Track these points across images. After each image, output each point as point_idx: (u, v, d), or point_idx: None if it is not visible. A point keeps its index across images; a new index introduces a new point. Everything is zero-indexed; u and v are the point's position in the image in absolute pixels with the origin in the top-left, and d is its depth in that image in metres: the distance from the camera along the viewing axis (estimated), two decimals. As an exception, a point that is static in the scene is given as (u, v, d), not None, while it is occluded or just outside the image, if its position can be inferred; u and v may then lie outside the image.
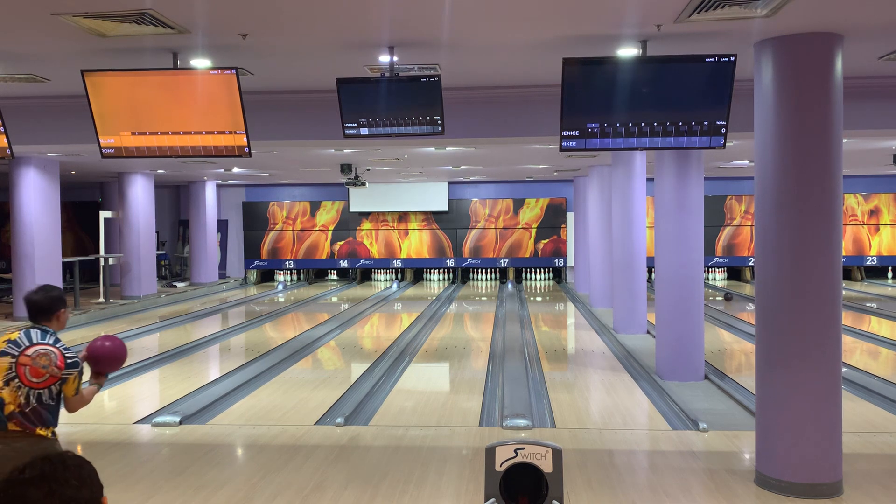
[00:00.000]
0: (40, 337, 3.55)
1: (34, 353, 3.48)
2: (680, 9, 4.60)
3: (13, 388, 3.42)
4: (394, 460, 5.88)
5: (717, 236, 20.93)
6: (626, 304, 11.87)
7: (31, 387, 3.44)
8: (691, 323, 8.61)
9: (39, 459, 1.39)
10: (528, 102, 7.04)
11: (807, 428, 5.06)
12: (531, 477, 2.77)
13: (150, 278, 17.31)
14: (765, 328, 5.27)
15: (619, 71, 5.30)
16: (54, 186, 13.49)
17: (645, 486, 5.37)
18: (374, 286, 21.18)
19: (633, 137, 5.38)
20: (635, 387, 8.44)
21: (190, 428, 6.85)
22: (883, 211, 20.76)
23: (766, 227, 5.22)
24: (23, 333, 3.55)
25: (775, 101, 5.10)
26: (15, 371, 3.43)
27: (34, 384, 3.44)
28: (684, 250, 8.57)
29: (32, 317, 3.65)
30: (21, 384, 3.42)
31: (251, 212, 22.04)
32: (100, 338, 3.83)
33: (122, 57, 5.65)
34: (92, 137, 5.95)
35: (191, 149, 5.87)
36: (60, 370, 3.50)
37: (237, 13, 4.68)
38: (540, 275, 21.87)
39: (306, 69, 6.24)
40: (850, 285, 19.25)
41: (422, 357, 10.46)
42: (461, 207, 21.51)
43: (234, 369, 9.55)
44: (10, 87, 6.81)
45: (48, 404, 3.48)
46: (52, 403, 3.50)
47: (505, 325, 13.15)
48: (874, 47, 5.54)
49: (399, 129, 5.78)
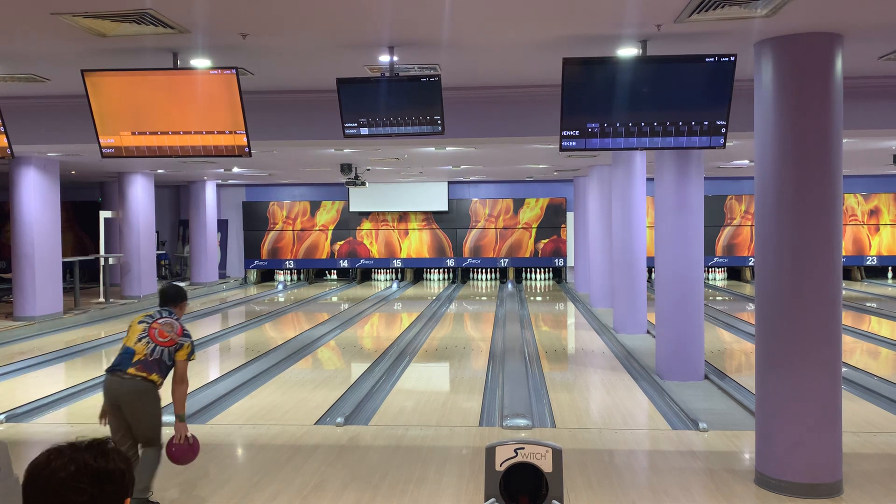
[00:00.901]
0: (167, 314, 4.91)
1: (163, 322, 4.84)
2: (680, 9, 4.60)
3: (144, 343, 4.73)
4: (394, 460, 5.88)
5: (717, 236, 20.93)
6: (626, 303, 11.87)
7: (156, 343, 4.74)
8: (691, 323, 8.61)
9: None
10: (528, 102, 7.04)
11: (807, 428, 5.06)
12: (531, 477, 2.77)
13: (150, 278, 17.31)
14: (765, 328, 5.27)
15: (619, 71, 5.30)
16: (54, 186, 13.49)
17: (645, 485, 5.37)
18: (374, 286, 21.18)
19: (633, 137, 5.38)
20: (635, 387, 8.44)
21: (190, 428, 6.82)
22: (883, 211, 20.76)
23: (766, 227, 5.22)
24: (156, 311, 4.93)
25: (775, 101, 5.10)
26: (147, 333, 4.77)
27: (159, 342, 4.75)
28: (684, 250, 8.56)
29: (163, 302, 5.01)
30: (150, 340, 4.74)
31: (251, 212, 22.04)
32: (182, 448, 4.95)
33: (122, 57, 5.65)
34: (92, 137, 5.95)
35: (191, 149, 5.87)
36: (178, 337, 4.80)
37: (237, 13, 4.68)
38: (540, 275, 21.87)
39: (306, 69, 6.24)
40: (850, 285, 19.25)
41: (422, 357, 10.46)
42: (461, 207, 21.51)
43: (234, 369, 9.55)
44: (10, 87, 6.81)
45: (163, 361, 4.75)
46: (166, 362, 4.76)
47: (505, 325, 13.15)
48: (874, 47, 5.54)
49: (399, 129, 5.78)
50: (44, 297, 13.10)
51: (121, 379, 4.67)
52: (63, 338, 12.11)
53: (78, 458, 1.48)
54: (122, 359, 4.73)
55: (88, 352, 10.99)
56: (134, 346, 4.73)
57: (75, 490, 1.45)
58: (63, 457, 1.49)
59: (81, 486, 1.46)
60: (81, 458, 1.48)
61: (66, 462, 1.48)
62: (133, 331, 4.82)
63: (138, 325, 4.83)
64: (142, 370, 4.67)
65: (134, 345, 4.73)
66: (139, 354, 4.70)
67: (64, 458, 1.48)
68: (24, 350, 10.95)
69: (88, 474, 1.47)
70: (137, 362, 4.67)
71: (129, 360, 4.69)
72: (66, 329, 13.09)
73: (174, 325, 4.83)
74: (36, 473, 1.48)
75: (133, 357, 4.70)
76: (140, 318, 4.89)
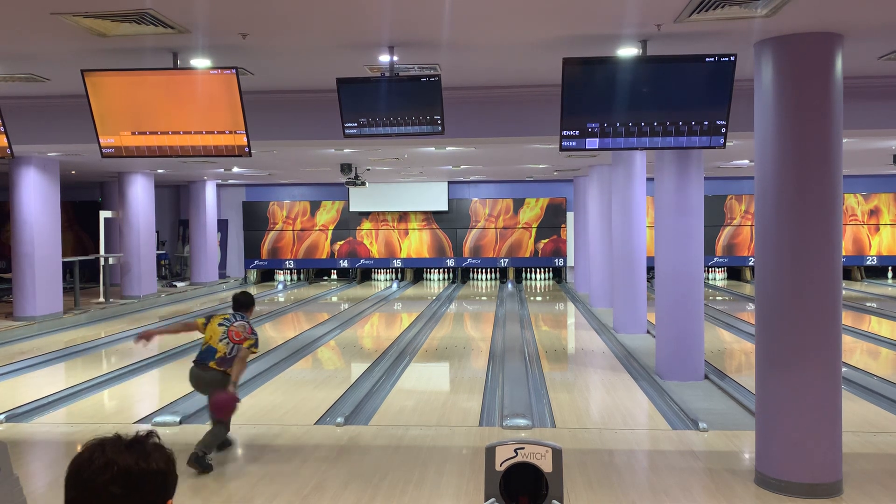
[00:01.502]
0: (241, 318, 6.06)
1: (238, 325, 5.97)
2: (680, 9, 4.60)
3: (224, 344, 5.86)
4: (394, 460, 5.88)
5: (717, 236, 20.93)
6: (626, 303, 11.87)
7: (233, 343, 5.86)
8: (691, 323, 8.62)
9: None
10: (528, 102, 7.04)
11: (807, 428, 5.06)
12: (531, 477, 2.77)
13: (150, 278, 17.31)
14: (765, 328, 5.27)
15: (619, 71, 5.30)
16: (54, 186, 13.49)
17: (645, 485, 5.37)
18: (374, 286, 21.18)
19: (632, 137, 5.38)
20: (635, 386, 8.44)
21: (190, 428, 6.86)
22: (883, 211, 20.76)
23: (766, 227, 5.22)
24: (231, 315, 6.09)
25: (775, 101, 5.10)
26: (227, 335, 5.88)
27: (235, 341, 5.87)
28: (684, 250, 8.57)
29: (236, 308, 6.18)
30: (229, 342, 5.86)
31: (251, 211, 22.04)
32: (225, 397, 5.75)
33: (122, 57, 5.65)
34: (92, 137, 5.96)
35: (191, 149, 5.87)
36: (248, 335, 5.94)
37: (237, 13, 4.68)
38: (540, 274, 21.87)
39: (306, 69, 6.24)
40: (850, 285, 19.25)
41: (422, 357, 10.46)
42: (461, 207, 21.51)
43: (234, 369, 9.55)
44: (10, 87, 6.81)
45: (233, 356, 5.83)
46: (233, 356, 5.84)
47: (505, 325, 13.15)
48: (874, 47, 5.54)
49: (399, 129, 5.78)
50: (44, 297, 13.10)
51: (203, 371, 5.86)
52: (63, 338, 12.11)
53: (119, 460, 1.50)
54: (205, 355, 5.89)
55: (88, 352, 10.99)
56: (216, 345, 5.87)
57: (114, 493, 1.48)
58: (105, 455, 1.50)
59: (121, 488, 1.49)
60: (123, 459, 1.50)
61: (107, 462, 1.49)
62: (214, 332, 5.92)
63: (218, 328, 5.93)
64: (220, 366, 5.83)
65: (216, 344, 5.88)
66: (220, 353, 5.84)
67: (106, 457, 1.50)
68: (24, 350, 10.95)
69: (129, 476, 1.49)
70: (219, 359, 5.82)
71: (211, 356, 5.85)
72: (66, 329, 13.09)
73: (246, 326, 5.99)
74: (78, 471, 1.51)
75: (215, 354, 5.84)
76: (219, 320, 6.00)
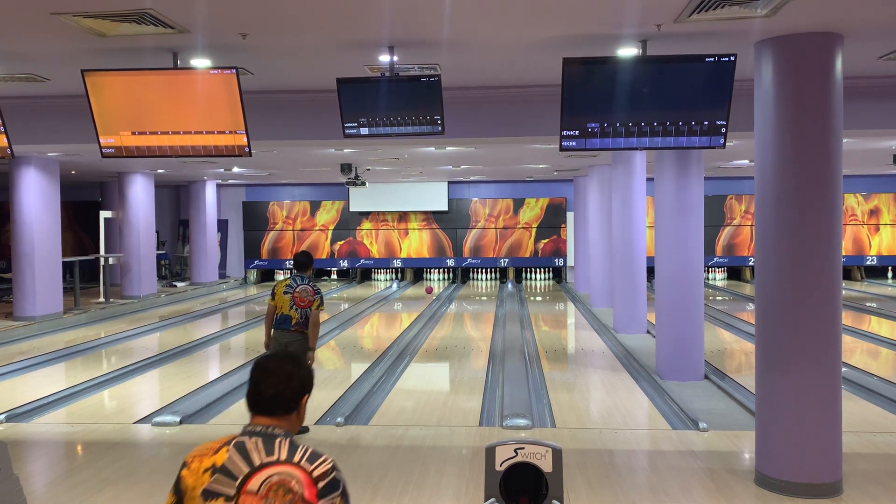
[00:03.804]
0: (301, 280, 6.65)
1: (300, 289, 6.58)
2: (680, 9, 4.60)
3: (294, 311, 6.54)
4: (394, 460, 5.88)
5: (717, 236, 20.93)
6: (626, 303, 11.87)
7: (300, 307, 6.54)
8: (691, 323, 8.61)
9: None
10: (528, 102, 7.04)
11: (807, 428, 5.06)
12: (531, 477, 2.78)
13: (150, 278, 17.31)
14: (765, 328, 5.27)
15: (619, 71, 5.30)
16: (54, 186, 13.49)
17: (645, 485, 5.37)
18: (374, 286, 21.18)
19: (633, 137, 5.38)
20: (635, 387, 8.44)
21: (190, 428, 6.86)
22: (883, 211, 20.77)
23: (766, 227, 5.22)
24: (291, 279, 6.70)
25: (775, 101, 5.10)
26: (294, 302, 6.55)
27: (302, 305, 6.54)
28: (684, 250, 8.56)
29: (297, 268, 6.76)
30: (297, 308, 6.54)
31: (251, 211, 22.05)
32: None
33: (122, 57, 5.65)
34: (92, 137, 5.96)
35: (191, 149, 5.87)
36: (312, 297, 6.56)
37: (237, 13, 4.68)
38: (540, 274, 21.88)
39: (306, 69, 6.24)
40: (850, 285, 19.25)
41: (422, 357, 10.46)
42: (461, 207, 21.51)
43: (234, 369, 9.56)
44: (10, 87, 6.81)
45: (306, 318, 6.55)
46: (307, 317, 6.55)
47: (505, 325, 13.14)
48: (874, 47, 5.54)
49: (399, 128, 5.78)
50: (44, 297, 13.10)
51: (285, 334, 6.57)
52: (63, 338, 12.11)
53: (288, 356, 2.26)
54: (283, 321, 6.58)
55: (88, 352, 10.99)
56: (289, 312, 6.56)
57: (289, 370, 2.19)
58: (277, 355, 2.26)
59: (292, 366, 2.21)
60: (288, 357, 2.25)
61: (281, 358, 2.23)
62: (282, 301, 6.58)
63: (284, 296, 6.58)
64: (297, 329, 6.55)
65: (288, 311, 6.56)
66: (294, 319, 6.54)
67: (279, 356, 2.25)
68: (24, 350, 10.95)
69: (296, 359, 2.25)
70: (295, 324, 6.54)
71: (288, 323, 6.56)
72: (66, 329, 13.10)
73: (308, 289, 6.58)
74: (260, 364, 2.21)
75: (291, 321, 6.56)
76: (283, 288, 6.62)
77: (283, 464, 2.02)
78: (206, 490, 2.02)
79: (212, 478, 2.03)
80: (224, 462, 2.04)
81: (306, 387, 2.20)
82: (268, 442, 2.06)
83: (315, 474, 2.02)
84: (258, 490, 1.99)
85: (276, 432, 2.08)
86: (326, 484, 2.02)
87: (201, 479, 2.04)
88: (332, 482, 2.03)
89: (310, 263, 6.78)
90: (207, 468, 2.04)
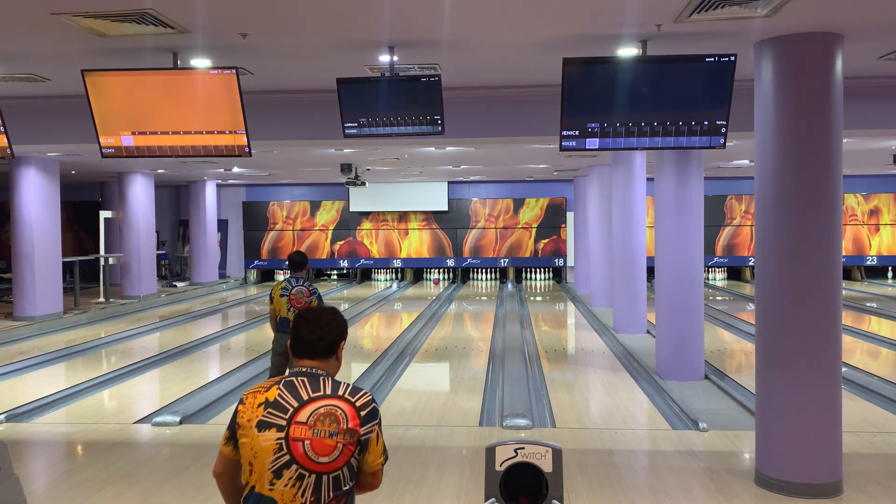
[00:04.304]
0: (297, 282, 6.60)
1: (296, 291, 6.56)
2: (680, 9, 4.60)
3: (292, 312, 6.46)
4: (394, 460, 5.87)
5: (717, 236, 20.93)
6: (626, 303, 11.87)
7: (297, 310, 6.40)
8: (691, 323, 8.61)
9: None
10: (528, 102, 7.04)
11: (807, 428, 5.06)
12: (531, 477, 2.78)
13: (150, 278, 17.31)
14: (765, 328, 5.27)
15: (619, 71, 5.30)
16: (54, 186, 13.49)
17: (645, 486, 5.37)
18: (373, 286, 21.18)
19: (632, 137, 5.38)
20: (635, 387, 8.44)
21: (190, 428, 6.85)
22: (883, 211, 20.77)
23: (766, 227, 5.22)
24: (287, 281, 6.64)
25: (775, 101, 5.10)
26: (291, 304, 6.51)
27: (299, 307, 6.48)
28: (684, 250, 8.56)
29: (292, 269, 6.70)
30: (293, 309, 6.49)
31: (251, 211, 22.05)
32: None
33: (122, 57, 5.65)
34: (92, 137, 5.96)
35: (191, 149, 5.87)
36: (308, 297, 6.53)
37: (237, 13, 4.68)
38: (540, 274, 21.87)
39: (306, 69, 6.24)
40: (850, 285, 19.25)
41: (422, 357, 10.46)
42: (461, 207, 21.51)
43: (234, 369, 9.56)
44: (10, 87, 6.81)
45: None
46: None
47: (505, 325, 13.14)
48: (874, 47, 5.55)
49: (399, 128, 5.78)
50: (44, 297, 13.10)
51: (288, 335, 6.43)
52: (63, 338, 12.11)
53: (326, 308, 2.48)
54: (283, 324, 6.58)
55: (88, 352, 10.99)
56: (287, 314, 6.54)
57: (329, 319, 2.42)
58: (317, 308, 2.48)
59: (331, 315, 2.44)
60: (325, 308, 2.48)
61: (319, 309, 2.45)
62: (280, 303, 6.56)
63: (281, 299, 6.56)
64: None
65: (287, 314, 6.55)
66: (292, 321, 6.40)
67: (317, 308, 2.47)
68: (24, 350, 10.95)
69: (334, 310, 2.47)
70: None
71: (288, 325, 6.43)
72: (66, 329, 13.09)
73: (303, 290, 6.54)
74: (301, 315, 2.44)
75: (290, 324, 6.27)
76: (279, 291, 6.59)
77: (328, 397, 2.30)
78: (261, 421, 2.27)
79: (265, 411, 2.28)
80: (276, 397, 2.29)
81: (343, 333, 2.44)
82: (313, 380, 2.33)
83: (358, 404, 2.31)
84: (307, 420, 2.26)
85: (319, 372, 2.35)
86: (368, 413, 2.32)
87: (256, 412, 2.29)
88: (372, 411, 2.33)
89: (304, 263, 6.77)
90: (261, 403, 2.29)
